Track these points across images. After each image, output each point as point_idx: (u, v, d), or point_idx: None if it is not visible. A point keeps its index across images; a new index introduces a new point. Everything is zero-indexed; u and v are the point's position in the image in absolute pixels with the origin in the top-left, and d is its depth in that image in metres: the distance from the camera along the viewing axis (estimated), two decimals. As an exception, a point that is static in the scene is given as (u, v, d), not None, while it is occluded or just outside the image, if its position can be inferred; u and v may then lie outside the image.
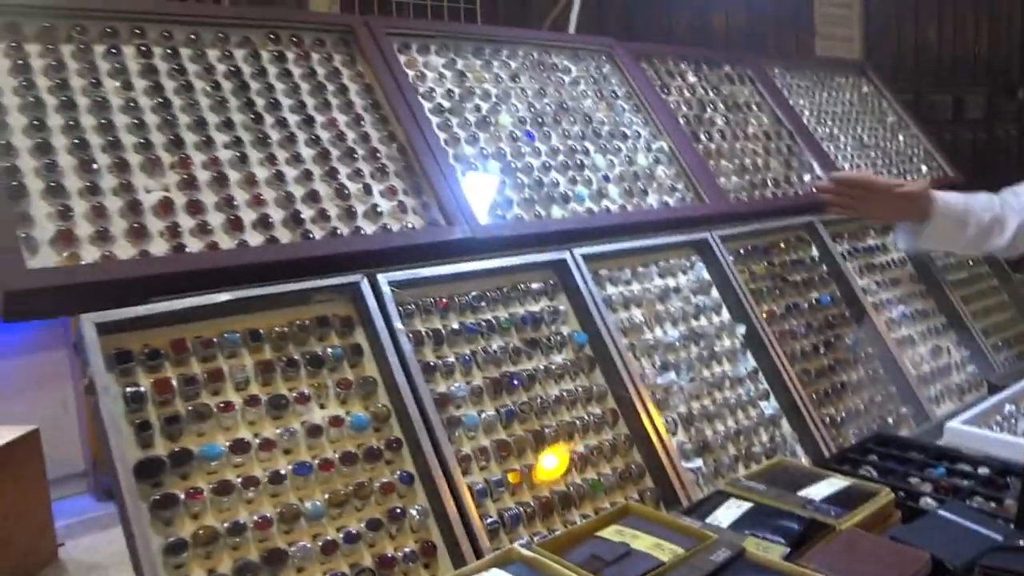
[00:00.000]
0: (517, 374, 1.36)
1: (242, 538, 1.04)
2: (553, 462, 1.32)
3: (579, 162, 1.67)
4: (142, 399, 1.06)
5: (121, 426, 1.03)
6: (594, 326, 1.46)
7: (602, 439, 1.39)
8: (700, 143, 1.94)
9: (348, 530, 1.11)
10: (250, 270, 1.19)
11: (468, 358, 1.33)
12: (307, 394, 1.17)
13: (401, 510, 1.15)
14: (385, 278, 1.28)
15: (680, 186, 1.81)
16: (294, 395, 1.16)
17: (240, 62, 1.38)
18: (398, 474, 1.18)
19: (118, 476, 0.99)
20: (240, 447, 1.09)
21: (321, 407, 1.18)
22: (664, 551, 0.96)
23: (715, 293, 1.71)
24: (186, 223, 1.19)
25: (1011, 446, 1.43)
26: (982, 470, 1.33)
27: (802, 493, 1.14)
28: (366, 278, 1.27)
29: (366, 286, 1.26)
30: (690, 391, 1.53)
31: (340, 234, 1.31)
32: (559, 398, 1.38)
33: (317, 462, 1.13)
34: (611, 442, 1.39)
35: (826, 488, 1.16)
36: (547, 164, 1.62)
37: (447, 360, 1.30)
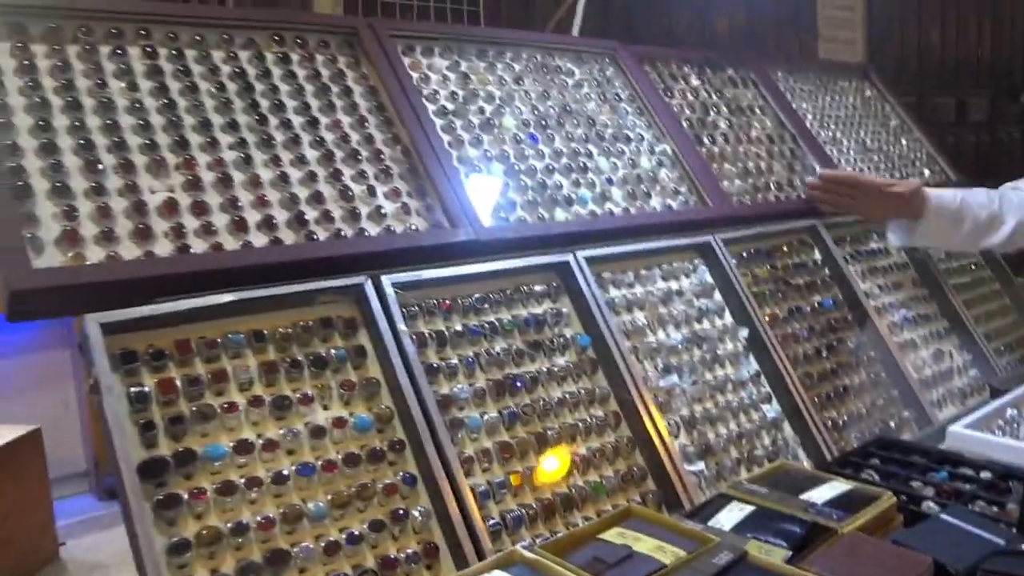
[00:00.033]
0: (520, 376, 1.36)
1: (245, 538, 1.04)
2: (555, 464, 1.32)
3: (582, 165, 1.68)
4: (146, 399, 1.06)
5: (125, 426, 1.03)
6: (597, 329, 1.46)
7: (604, 441, 1.39)
8: (703, 146, 1.94)
9: (351, 531, 1.11)
10: (254, 271, 1.19)
11: (471, 360, 1.33)
12: (310, 395, 1.17)
13: (404, 511, 1.15)
14: (389, 280, 1.29)
15: (683, 189, 1.81)
16: (297, 396, 1.16)
17: (245, 63, 1.39)
18: (401, 475, 1.18)
19: (122, 476, 0.99)
20: (244, 447, 1.09)
21: (324, 408, 1.18)
22: (666, 554, 0.97)
23: (718, 296, 1.71)
24: (191, 224, 1.19)
25: (1013, 450, 1.43)
26: (984, 474, 1.33)
27: (804, 496, 1.14)
28: (370, 280, 1.27)
29: (370, 288, 1.26)
30: (692, 394, 1.53)
31: (344, 236, 1.31)
32: (561, 400, 1.38)
33: (320, 463, 1.13)
34: (613, 444, 1.39)
35: (828, 492, 1.16)
36: (550, 167, 1.63)
37: (450, 362, 1.31)
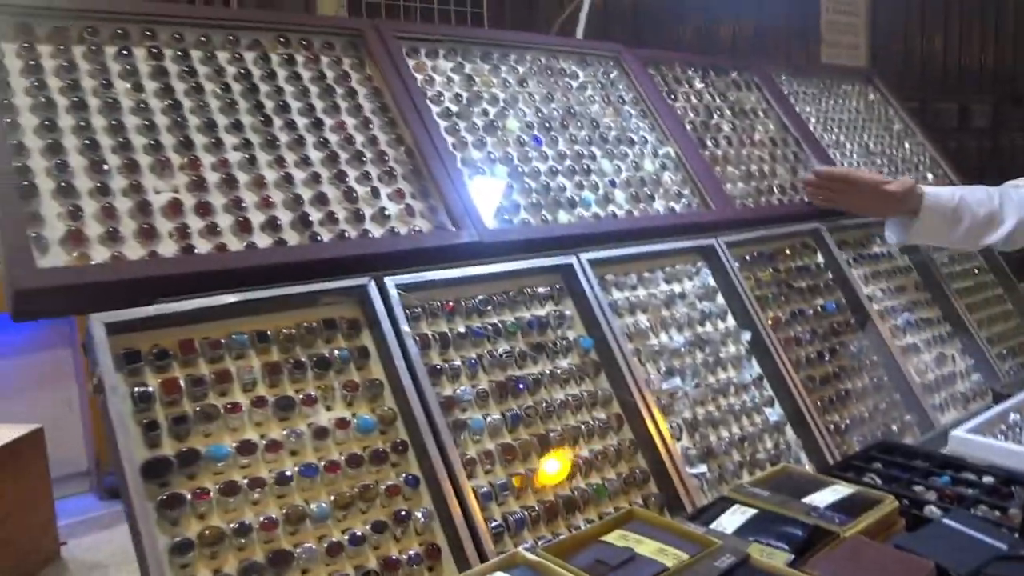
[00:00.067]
0: (523, 378, 1.36)
1: (248, 539, 1.04)
2: (557, 466, 1.32)
3: (586, 167, 1.68)
4: (150, 399, 1.07)
5: (129, 426, 1.03)
6: (600, 331, 1.46)
7: (607, 444, 1.39)
8: (707, 149, 1.94)
9: (353, 532, 1.11)
10: (258, 272, 1.19)
11: (474, 362, 1.33)
12: (313, 396, 1.17)
13: (406, 513, 1.15)
14: (392, 281, 1.29)
15: (686, 192, 1.81)
16: (301, 397, 1.16)
17: (250, 65, 1.39)
18: (403, 477, 1.18)
19: (125, 476, 0.99)
20: (247, 448, 1.09)
21: (327, 409, 1.18)
22: (668, 556, 0.97)
23: (720, 299, 1.71)
24: (195, 224, 1.20)
25: (1016, 455, 1.42)
26: (987, 479, 1.32)
27: (806, 500, 1.14)
28: (373, 281, 1.27)
29: (373, 289, 1.26)
30: (695, 397, 1.53)
31: (348, 237, 1.31)
32: (564, 402, 1.38)
33: (323, 464, 1.13)
34: (616, 447, 1.39)
35: (830, 495, 1.16)
36: (554, 169, 1.63)
37: (453, 363, 1.31)
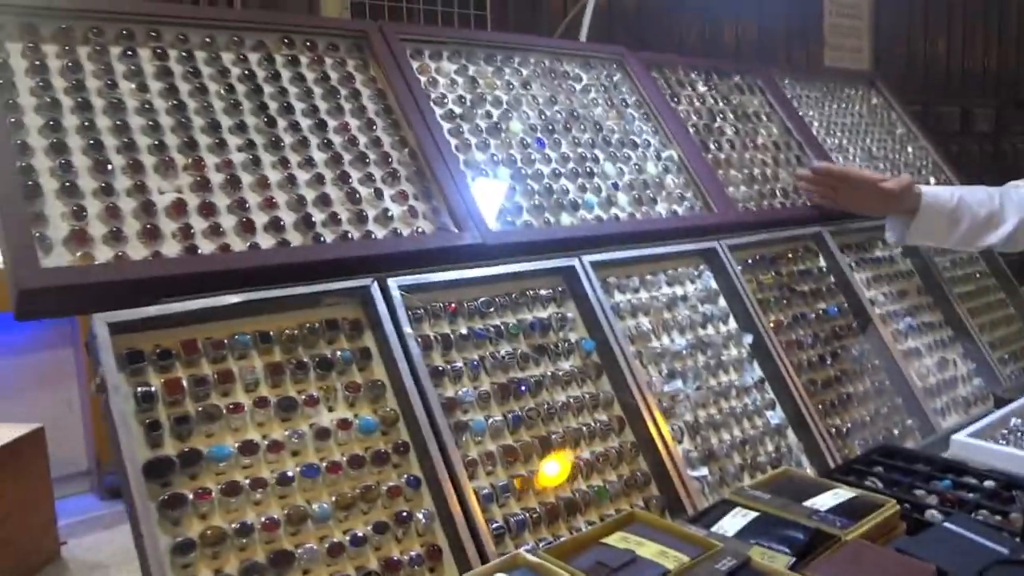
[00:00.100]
0: (524, 380, 1.36)
1: (249, 539, 1.04)
2: (559, 468, 1.32)
3: (589, 170, 1.68)
4: (152, 399, 1.07)
5: (131, 426, 1.04)
6: (602, 333, 1.46)
7: (608, 446, 1.39)
8: (709, 152, 1.95)
9: (354, 533, 1.11)
10: (261, 272, 1.19)
11: (476, 363, 1.33)
12: (316, 396, 1.17)
13: (407, 514, 1.16)
14: (395, 282, 1.29)
15: (689, 195, 1.81)
16: (303, 397, 1.16)
17: (254, 65, 1.39)
18: (405, 478, 1.18)
19: (127, 476, 0.99)
20: (249, 448, 1.09)
21: (329, 410, 1.18)
22: (669, 559, 0.97)
23: (722, 302, 1.71)
24: (199, 225, 1.20)
25: (1017, 460, 1.43)
26: (988, 483, 1.33)
27: (808, 503, 1.14)
28: (376, 282, 1.27)
29: (376, 290, 1.27)
30: (696, 400, 1.53)
31: (351, 238, 1.31)
32: (566, 404, 1.38)
33: (325, 464, 1.13)
34: (617, 449, 1.39)
35: (831, 499, 1.16)
36: (557, 171, 1.63)
37: (455, 365, 1.31)
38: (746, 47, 4.41)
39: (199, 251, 1.18)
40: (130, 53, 1.28)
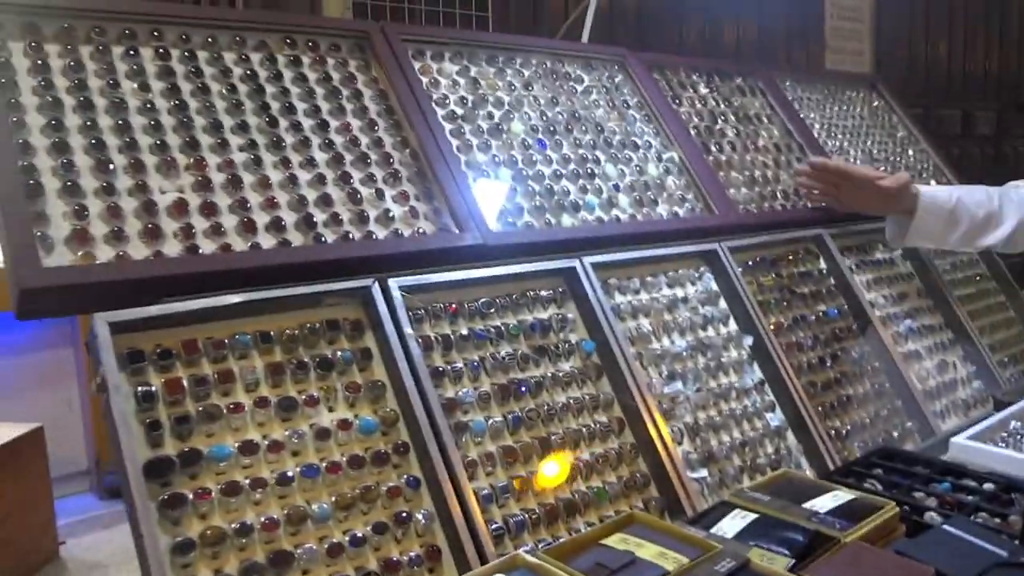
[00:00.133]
0: (525, 381, 1.36)
1: (249, 539, 1.04)
2: (558, 469, 1.32)
3: (590, 171, 1.68)
4: (153, 399, 1.07)
5: (132, 425, 1.04)
6: (602, 334, 1.46)
7: (608, 447, 1.39)
8: (711, 154, 1.95)
9: (354, 533, 1.11)
10: (262, 272, 1.19)
11: (476, 364, 1.33)
12: (316, 397, 1.18)
13: (407, 514, 1.16)
14: (396, 283, 1.29)
15: (690, 196, 1.81)
16: (303, 397, 1.16)
17: (256, 66, 1.39)
18: (405, 478, 1.18)
19: (127, 475, 1.00)
20: (249, 448, 1.09)
21: (330, 410, 1.18)
22: (668, 560, 0.97)
23: (723, 304, 1.71)
24: (200, 224, 1.20)
25: (1016, 462, 1.43)
26: (987, 486, 1.33)
27: (807, 505, 1.14)
28: (377, 282, 1.27)
29: (377, 290, 1.27)
30: (696, 401, 1.53)
31: (352, 238, 1.31)
32: (566, 405, 1.38)
33: (325, 465, 1.13)
34: (617, 451, 1.39)
35: (831, 501, 1.16)
36: (558, 172, 1.63)
37: (455, 365, 1.31)
38: (746, 47, 4.41)
39: (200, 251, 1.18)
40: (132, 53, 1.28)
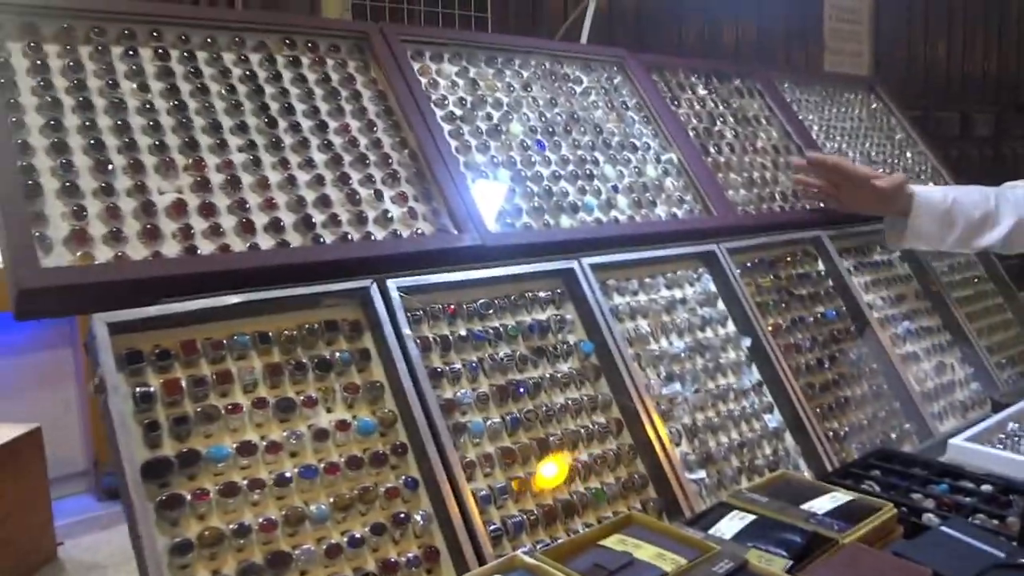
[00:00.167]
0: (523, 382, 1.36)
1: (247, 540, 1.04)
2: (557, 470, 1.32)
3: (588, 172, 1.68)
4: (151, 399, 1.07)
5: (130, 426, 1.04)
6: (600, 335, 1.46)
7: (606, 448, 1.39)
8: (709, 156, 1.95)
9: (352, 534, 1.11)
10: (261, 273, 1.19)
11: (475, 365, 1.33)
12: (314, 397, 1.18)
13: (405, 515, 1.16)
14: (394, 284, 1.29)
15: (688, 198, 1.82)
16: (301, 398, 1.16)
17: (256, 66, 1.39)
18: (403, 479, 1.18)
19: (125, 476, 0.99)
20: (247, 449, 1.09)
21: (328, 411, 1.18)
22: (666, 561, 0.97)
23: (721, 305, 1.71)
24: (199, 225, 1.20)
25: (1014, 464, 1.43)
26: (985, 487, 1.33)
27: (805, 506, 1.15)
28: (375, 283, 1.27)
29: (375, 291, 1.27)
30: (694, 402, 1.53)
31: (351, 239, 1.32)
32: (564, 406, 1.38)
33: (323, 466, 1.13)
34: (615, 452, 1.39)
35: (829, 502, 1.16)
36: (557, 173, 1.63)
37: (454, 366, 1.31)
38: (745, 49, 4.42)
39: (199, 251, 1.18)
40: (131, 53, 1.28)
